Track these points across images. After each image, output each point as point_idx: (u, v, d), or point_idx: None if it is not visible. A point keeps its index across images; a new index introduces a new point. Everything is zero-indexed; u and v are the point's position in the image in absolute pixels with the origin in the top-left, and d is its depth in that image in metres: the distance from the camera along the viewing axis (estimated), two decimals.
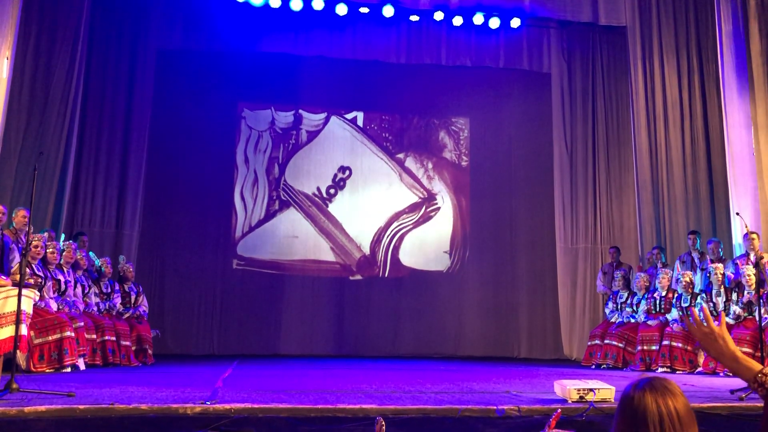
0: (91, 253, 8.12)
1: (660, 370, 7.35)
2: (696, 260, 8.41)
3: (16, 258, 5.76)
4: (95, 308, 7.37)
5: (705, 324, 1.86)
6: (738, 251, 8.18)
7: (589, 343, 8.62)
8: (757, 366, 1.78)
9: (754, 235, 7.37)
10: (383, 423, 2.89)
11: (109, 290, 7.82)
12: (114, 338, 7.24)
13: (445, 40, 10.49)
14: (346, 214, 10.49)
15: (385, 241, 10.55)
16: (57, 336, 6.04)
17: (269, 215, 10.34)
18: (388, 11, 9.66)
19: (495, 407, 3.63)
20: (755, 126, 8.58)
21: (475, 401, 3.91)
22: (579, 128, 10.58)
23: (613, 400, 3.87)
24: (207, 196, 10.11)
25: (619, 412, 1.60)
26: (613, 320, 8.43)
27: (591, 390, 3.85)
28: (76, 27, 8.79)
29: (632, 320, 8.17)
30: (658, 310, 7.95)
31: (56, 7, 8.73)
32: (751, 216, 8.07)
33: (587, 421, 3.57)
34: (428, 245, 10.63)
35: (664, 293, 7.98)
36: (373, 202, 10.58)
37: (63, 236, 7.68)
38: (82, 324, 6.57)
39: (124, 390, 4.33)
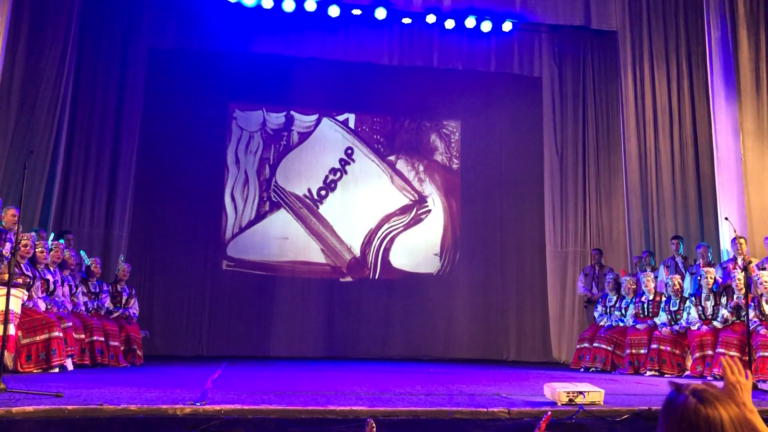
0: (82, 252, 8.07)
1: (648, 373, 7.40)
2: (680, 265, 8.49)
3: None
4: (83, 308, 7.33)
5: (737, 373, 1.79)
6: (725, 256, 8.26)
7: (578, 346, 8.66)
8: (765, 429, 1.75)
9: (742, 240, 7.45)
10: (374, 424, 2.90)
11: (97, 290, 7.76)
12: (103, 338, 7.19)
13: (437, 43, 10.53)
14: (336, 216, 10.49)
15: (375, 243, 10.55)
16: (45, 336, 6.00)
17: (259, 216, 10.32)
18: (380, 13, 9.68)
19: (485, 409, 3.64)
20: (742, 132, 8.68)
21: (465, 403, 3.92)
22: (569, 132, 10.64)
23: (602, 403, 3.89)
24: (197, 197, 10.07)
25: (677, 423, 1.54)
26: (601, 323, 8.47)
27: (581, 393, 3.87)
28: (67, 24, 8.74)
29: (621, 324, 8.21)
30: (646, 313, 8.00)
31: (47, 4, 8.68)
32: (738, 221, 8.15)
33: (577, 424, 3.59)
34: (419, 247, 10.65)
35: (651, 297, 8.03)
36: (364, 204, 10.59)
37: (52, 235, 7.62)
38: (70, 324, 6.53)
39: (113, 390, 4.30)
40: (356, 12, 9.85)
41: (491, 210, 10.79)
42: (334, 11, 9.75)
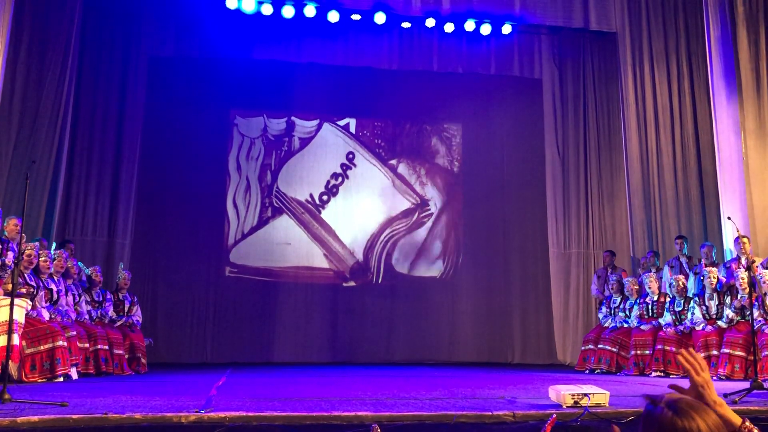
0: (80, 263, 8.08)
1: (653, 374, 7.38)
2: (684, 265, 8.47)
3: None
4: (87, 317, 7.33)
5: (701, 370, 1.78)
6: (728, 255, 8.23)
7: (582, 348, 8.64)
8: (737, 418, 1.77)
9: (745, 239, 7.43)
10: (379, 430, 2.89)
11: (101, 298, 7.77)
12: (107, 347, 7.20)
13: (436, 46, 10.54)
14: (339, 221, 10.49)
15: (378, 247, 10.55)
16: (49, 345, 6.00)
17: (262, 222, 10.33)
18: (379, 18, 9.68)
19: (490, 413, 3.63)
20: (743, 131, 8.66)
21: (469, 407, 3.91)
22: (570, 134, 10.64)
23: (607, 405, 3.88)
24: (199, 204, 10.08)
25: None
26: (606, 325, 8.45)
27: (586, 395, 3.86)
28: (68, 34, 8.76)
29: (625, 325, 8.19)
30: (650, 314, 7.98)
31: (47, 15, 8.71)
32: (740, 220, 8.13)
33: (582, 426, 3.58)
34: (421, 251, 10.64)
35: (655, 297, 8.01)
36: (366, 209, 10.59)
37: (54, 245, 7.63)
38: (74, 333, 6.54)
39: (117, 399, 4.30)
40: (355, 17, 9.86)
41: (493, 212, 10.78)
42: (333, 17, 9.76)
